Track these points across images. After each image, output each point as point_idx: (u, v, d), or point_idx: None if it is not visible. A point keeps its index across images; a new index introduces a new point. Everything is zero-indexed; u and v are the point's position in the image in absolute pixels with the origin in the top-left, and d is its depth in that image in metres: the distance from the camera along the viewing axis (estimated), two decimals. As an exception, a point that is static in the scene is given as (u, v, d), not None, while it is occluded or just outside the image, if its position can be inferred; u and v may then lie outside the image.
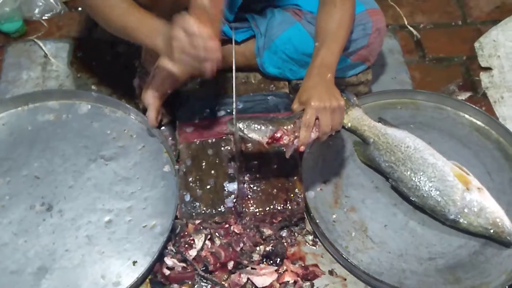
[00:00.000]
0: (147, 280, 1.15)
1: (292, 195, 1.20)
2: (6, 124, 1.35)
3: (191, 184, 1.21)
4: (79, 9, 1.68)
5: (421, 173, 1.23)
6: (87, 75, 1.51)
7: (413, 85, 1.56)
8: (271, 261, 1.18)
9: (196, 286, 1.14)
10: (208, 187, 1.20)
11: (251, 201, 1.19)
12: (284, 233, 1.22)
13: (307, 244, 1.23)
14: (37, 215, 1.20)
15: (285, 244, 1.21)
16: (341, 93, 1.13)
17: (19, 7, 1.58)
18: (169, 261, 1.15)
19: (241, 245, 1.17)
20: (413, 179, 1.23)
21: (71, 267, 1.14)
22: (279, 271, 1.16)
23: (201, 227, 1.19)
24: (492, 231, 1.19)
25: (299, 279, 1.16)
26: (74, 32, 1.62)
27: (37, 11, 1.63)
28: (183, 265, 1.15)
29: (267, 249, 1.19)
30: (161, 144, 1.33)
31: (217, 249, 1.15)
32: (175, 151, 1.30)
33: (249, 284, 1.14)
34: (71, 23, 1.64)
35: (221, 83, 1.37)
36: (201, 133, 1.28)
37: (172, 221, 1.17)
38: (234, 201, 1.18)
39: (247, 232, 1.19)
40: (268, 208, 1.18)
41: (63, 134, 1.33)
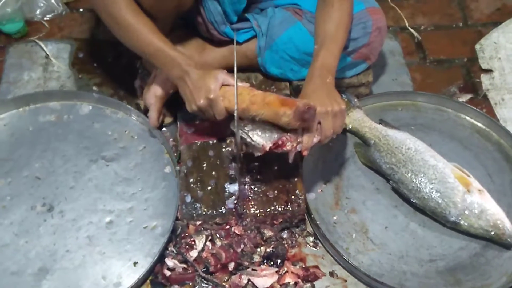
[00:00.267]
0: (148, 281, 1.15)
1: (293, 197, 1.20)
2: (7, 124, 1.35)
3: (192, 185, 1.21)
4: (81, 10, 1.68)
5: (422, 175, 1.23)
6: (89, 76, 1.51)
7: (414, 87, 1.56)
8: (272, 263, 1.18)
9: (196, 287, 1.14)
10: (209, 188, 1.20)
11: (252, 202, 1.19)
12: (284, 235, 1.22)
13: (307, 245, 1.23)
14: (38, 216, 1.20)
15: (286, 245, 1.21)
16: (342, 94, 1.13)
17: (21, 8, 1.58)
18: (169, 262, 1.15)
19: (242, 246, 1.17)
20: (414, 181, 1.23)
21: (72, 268, 1.14)
22: (280, 273, 1.16)
23: (202, 228, 1.19)
24: (492, 233, 1.19)
25: (299, 280, 1.16)
26: (75, 33, 1.62)
27: (38, 12, 1.63)
28: (184, 266, 1.15)
29: (268, 250, 1.19)
30: (162, 145, 1.33)
31: (217, 250, 1.16)
32: (176, 152, 1.30)
33: (250, 285, 1.14)
34: (72, 24, 1.64)
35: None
36: (202, 134, 1.28)
37: (173, 222, 1.17)
38: (235, 202, 1.18)
39: (248, 233, 1.19)
40: (269, 209, 1.18)
41: (64, 135, 1.34)
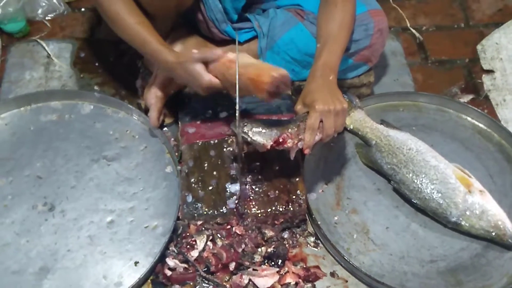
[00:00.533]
0: (149, 280, 1.15)
1: (294, 197, 1.20)
2: (8, 124, 1.35)
3: (193, 185, 1.21)
4: (82, 9, 1.68)
5: (423, 176, 1.23)
6: (90, 75, 1.51)
7: (415, 87, 1.56)
8: (273, 263, 1.18)
9: (197, 287, 1.14)
10: (210, 188, 1.20)
11: (253, 203, 1.19)
12: (285, 235, 1.22)
13: (308, 245, 1.23)
14: (39, 215, 1.20)
15: (287, 245, 1.21)
16: (343, 95, 1.13)
17: (22, 7, 1.58)
18: (170, 262, 1.15)
19: (243, 246, 1.17)
20: (415, 181, 1.23)
21: (73, 267, 1.14)
22: (281, 273, 1.16)
23: (203, 228, 1.19)
24: (493, 234, 1.19)
25: (300, 280, 1.16)
26: (77, 32, 1.62)
27: (40, 11, 1.63)
28: (185, 266, 1.15)
29: (269, 250, 1.19)
30: (163, 144, 1.33)
31: (218, 250, 1.16)
32: (177, 152, 1.30)
33: (251, 285, 1.14)
34: (74, 23, 1.64)
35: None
36: (203, 134, 1.28)
37: (174, 222, 1.17)
38: (236, 202, 1.18)
39: (249, 233, 1.19)
40: (270, 209, 1.18)
41: (65, 134, 1.34)
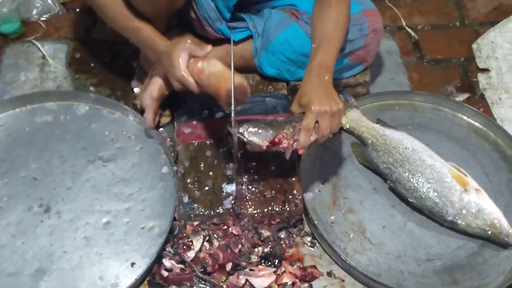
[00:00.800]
0: (145, 281, 1.15)
1: (290, 197, 1.20)
2: (3, 125, 1.35)
3: (189, 185, 1.21)
4: (77, 10, 1.68)
5: (419, 175, 1.23)
6: (85, 76, 1.50)
7: (411, 87, 1.57)
8: (270, 263, 1.18)
9: (194, 287, 1.14)
10: (206, 188, 1.20)
11: (250, 203, 1.19)
12: (282, 235, 1.22)
13: (305, 245, 1.23)
14: (35, 217, 1.20)
15: (284, 245, 1.21)
16: (339, 94, 1.13)
17: (17, 8, 1.58)
18: (167, 262, 1.15)
19: (240, 246, 1.17)
20: (411, 180, 1.23)
21: (69, 269, 1.14)
22: (278, 273, 1.16)
23: (200, 229, 1.19)
24: (490, 233, 1.19)
25: (297, 280, 1.16)
26: (72, 33, 1.61)
27: (35, 12, 1.62)
28: (182, 266, 1.15)
29: (266, 250, 1.19)
30: (159, 145, 1.33)
31: (215, 250, 1.15)
32: (173, 153, 1.30)
33: (248, 285, 1.14)
34: (69, 24, 1.64)
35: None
36: (199, 134, 1.28)
37: (170, 223, 1.17)
38: (232, 202, 1.18)
39: (246, 233, 1.19)
40: (266, 209, 1.18)
41: (61, 135, 1.33)
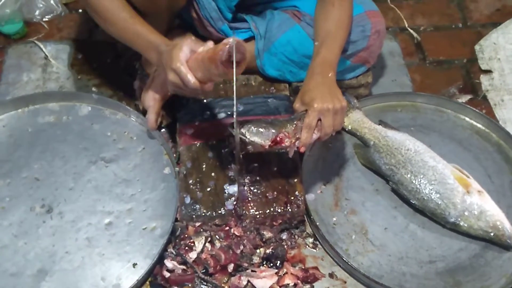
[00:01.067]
0: (147, 282, 1.15)
1: (292, 198, 1.20)
2: (6, 126, 1.35)
3: (192, 186, 1.21)
4: (80, 11, 1.68)
5: (422, 176, 1.23)
6: (88, 77, 1.51)
7: (414, 88, 1.56)
8: (271, 264, 1.18)
9: (196, 288, 1.14)
10: (208, 189, 1.20)
11: (251, 204, 1.19)
12: (284, 236, 1.22)
13: (307, 246, 1.22)
14: (37, 217, 1.20)
15: (285, 246, 1.21)
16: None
17: (20, 9, 1.58)
18: (169, 263, 1.15)
19: (241, 247, 1.17)
20: (414, 182, 1.23)
21: (71, 269, 1.14)
22: (279, 274, 1.16)
23: (201, 230, 1.18)
24: (492, 234, 1.19)
25: (299, 281, 1.15)
26: (74, 33, 1.62)
27: (37, 12, 1.63)
28: (183, 267, 1.15)
29: (267, 251, 1.19)
30: (162, 146, 1.33)
31: (217, 251, 1.15)
32: (175, 153, 1.30)
33: (249, 286, 1.14)
34: (71, 25, 1.64)
35: (222, 85, 1.37)
36: (201, 135, 1.28)
37: (172, 224, 1.17)
38: (234, 203, 1.18)
39: (247, 234, 1.19)
40: (268, 210, 1.18)
41: (63, 136, 1.33)
